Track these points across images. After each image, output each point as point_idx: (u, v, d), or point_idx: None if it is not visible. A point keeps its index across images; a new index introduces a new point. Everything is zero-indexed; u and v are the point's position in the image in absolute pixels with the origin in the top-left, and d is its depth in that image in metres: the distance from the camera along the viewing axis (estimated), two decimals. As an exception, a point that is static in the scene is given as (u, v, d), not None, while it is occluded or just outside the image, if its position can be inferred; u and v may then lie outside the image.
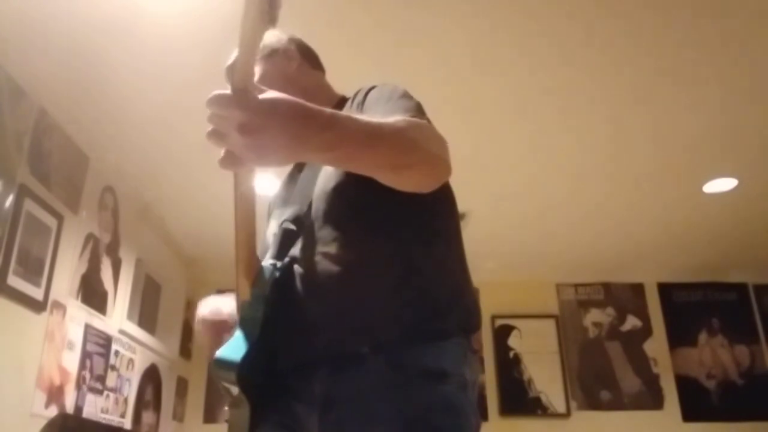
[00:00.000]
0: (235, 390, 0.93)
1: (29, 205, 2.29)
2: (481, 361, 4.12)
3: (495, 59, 2.26)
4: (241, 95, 0.70)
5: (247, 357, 0.90)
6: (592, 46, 2.18)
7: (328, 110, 0.77)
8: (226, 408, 1.02)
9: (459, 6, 2.01)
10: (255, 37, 0.71)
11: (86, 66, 2.22)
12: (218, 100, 0.70)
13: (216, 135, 0.72)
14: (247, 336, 0.93)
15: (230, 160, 0.73)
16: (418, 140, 0.86)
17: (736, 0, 1.98)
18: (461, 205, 1.11)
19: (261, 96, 0.71)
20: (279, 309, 0.97)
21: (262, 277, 0.99)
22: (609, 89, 2.42)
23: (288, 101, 0.72)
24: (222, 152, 0.73)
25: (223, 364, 0.90)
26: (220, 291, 2.24)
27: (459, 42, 2.17)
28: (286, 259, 1.03)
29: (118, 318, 3.05)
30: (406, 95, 1.02)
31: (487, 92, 2.44)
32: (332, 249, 0.98)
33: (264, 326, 0.95)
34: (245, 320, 0.96)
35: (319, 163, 0.97)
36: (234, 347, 0.92)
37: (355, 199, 0.99)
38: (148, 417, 3.45)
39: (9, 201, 2.18)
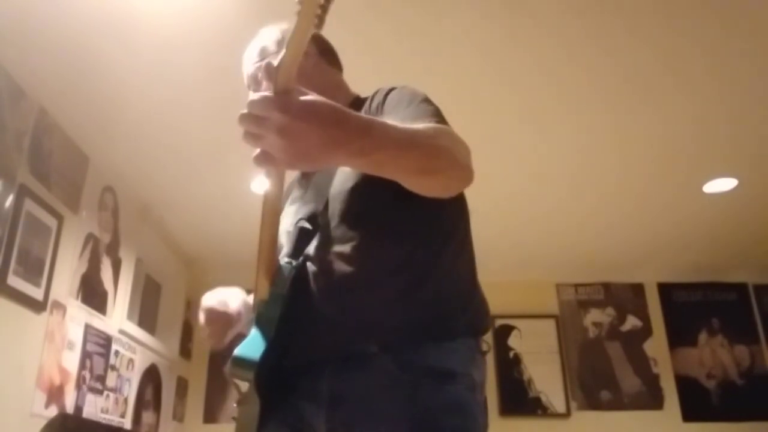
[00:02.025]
0: (244, 387, 0.93)
1: (29, 205, 2.29)
2: (482, 361, 4.11)
3: (500, 62, 2.25)
4: (284, 98, 0.70)
5: (264, 356, 0.91)
6: (593, 47, 2.18)
7: (366, 116, 0.78)
8: (234, 405, 1.03)
9: (467, 11, 2.01)
10: (304, 40, 0.71)
11: (86, 66, 2.22)
12: (261, 103, 0.70)
13: (252, 136, 0.72)
14: (265, 335, 0.94)
15: (265, 159, 0.73)
16: (447, 147, 0.87)
17: None
18: (463, 206, 1.11)
19: (302, 98, 0.71)
20: (293, 307, 0.98)
21: (281, 275, 1.00)
22: (609, 90, 2.42)
23: (328, 105, 0.73)
24: (257, 150, 0.73)
25: (243, 362, 0.91)
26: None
27: (465, 45, 2.16)
28: (301, 258, 1.03)
29: (118, 318, 3.05)
30: (426, 100, 1.03)
31: (490, 93, 2.44)
32: (346, 249, 0.98)
33: (279, 325, 0.95)
34: (262, 318, 0.97)
35: (351, 167, 0.97)
36: (252, 346, 0.93)
37: (372, 199, 0.99)
38: (148, 417, 3.44)
39: (9, 201, 2.18)
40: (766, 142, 2.79)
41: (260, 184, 3.05)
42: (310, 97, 0.72)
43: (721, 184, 3.15)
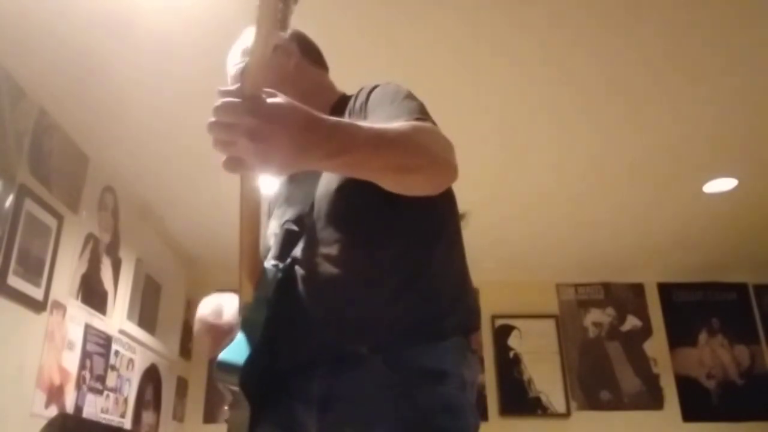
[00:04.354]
0: (235, 390, 0.93)
1: (29, 205, 2.29)
2: (481, 361, 4.11)
3: (498, 62, 2.26)
4: (253, 101, 0.70)
5: (249, 360, 0.91)
6: (592, 45, 2.18)
7: (332, 118, 0.78)
8: (226, 408, 1.02)
9: (442, 13, 2.01)
10: (267, 42, 0.71)
11: (86, 65, 2.22)
12: (229, 107, 0.70)
13: (222, 143, 0.72)
14: (249, 338, 0.93)
15: (235, 164, 0.72)
16: (423, 144, 0.86)
17: None
18: (461, 206, 1.11)
19: (270, 101, 0.71)
20: (280, 310, 0.97)
21: (265, 279, 0.99)
22: (607, 89, 2.42)
23: (295, 108, 0.73)
24: (224, 155, 0.73)
25: (226, 367, 0.90)
26: (221, 291, 2.25)
27: (442, 49, 2.16)
28: (288, 260, 1.02)
29: (118, 318, 3.05)
30: (409, 96, 1.02)
31: (488, 93, 2.44)
32: (334, 251, 0.98)
33: (265, 328, 0.95)
34: (247, 322, 0.96)
35: (326, 170, 0.97)
36: (236, 350, 0.92)
37: (358, 200, 0.98)
38: (148, 417, 3.45)
39: (9, 201, 2.18)
40: (766, 142, 2.79)
41: (260, 184, 3.04)
42: (279, 99, 0.72)
43: (721, 184, 3.15)
